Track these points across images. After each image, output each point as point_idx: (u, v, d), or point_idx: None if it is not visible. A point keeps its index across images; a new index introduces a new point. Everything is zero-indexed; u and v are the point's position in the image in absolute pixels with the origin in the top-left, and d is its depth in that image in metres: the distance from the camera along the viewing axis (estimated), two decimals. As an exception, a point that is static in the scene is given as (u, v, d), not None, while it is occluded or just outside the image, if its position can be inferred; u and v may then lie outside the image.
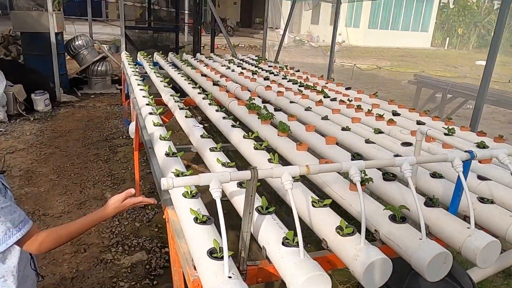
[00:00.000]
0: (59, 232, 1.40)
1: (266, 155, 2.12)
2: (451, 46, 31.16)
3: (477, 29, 30.94)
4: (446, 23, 31.83)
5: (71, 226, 1.44)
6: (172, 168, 1.86)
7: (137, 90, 3.60)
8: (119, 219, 3.67)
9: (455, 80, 10.27)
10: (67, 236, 1.41)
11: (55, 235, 1.38)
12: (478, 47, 29.99)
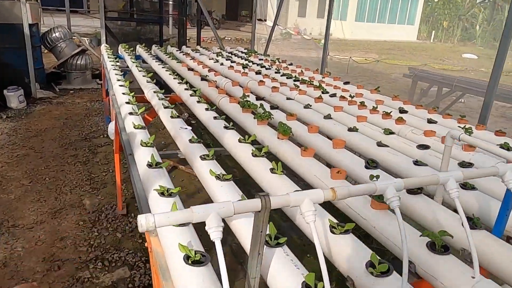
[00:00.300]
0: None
1: (267, 163, 1.81)
2: (436, 39, 31.28)
3: (461, 23, 31.10)
4: (431, 16, 31.94)
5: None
6: (156, 182, 1.53)
7: (116, 86, 3.24)
8: (98, 230, 3.31)
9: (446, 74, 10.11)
10: None
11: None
12: (462, 40, 30.22)
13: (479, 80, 6.29)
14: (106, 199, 3.82)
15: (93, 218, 3.48)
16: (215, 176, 1.59)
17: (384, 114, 2.78)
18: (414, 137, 2.45)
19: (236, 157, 2.01)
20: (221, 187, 1.52)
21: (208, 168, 1.69)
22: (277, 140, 2.15)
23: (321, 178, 1.74)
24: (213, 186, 1.56)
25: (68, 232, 3.25)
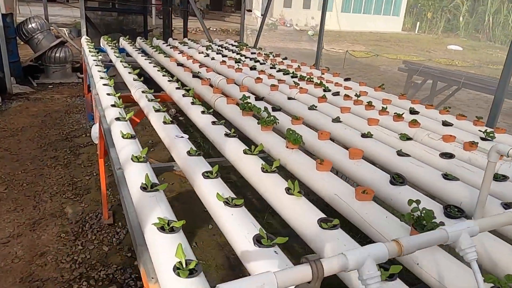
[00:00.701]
0: None
1: (280, 181, 1.56)
2: (421, 31, 31.44)
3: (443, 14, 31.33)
4: (415, 8, 32.06)
5: None
6: (153, 212, 1.26)
7: (99, 85, 2.93)
8: (82, 243, 3.02)
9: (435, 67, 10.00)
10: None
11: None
12: (446, 32, 30.47)
13: (488, 76, 6.14)
14: (90, 207, 3.53)
15: (76, 229, 3.19)
16: (223, 201, 1.34)
17: (395, 116, 2.56)
18: (431, 142, 2.24)
19: (242, 171, 1.76)
20: (232, 216, 1.27)
21: (213, 189, 1.44)
22: (286, 150, 1.91)
23: (343, 197, 1.50)
24: (221, 214, 1.31)
25: (48, 246, 2.95)
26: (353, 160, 1.84)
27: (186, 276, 0.96)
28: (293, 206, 1.40)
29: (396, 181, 1.62)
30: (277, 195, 1.48)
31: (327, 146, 2.01)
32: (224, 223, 1.29)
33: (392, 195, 1.59)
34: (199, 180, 1.55)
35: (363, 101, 2.91)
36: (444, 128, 2.49)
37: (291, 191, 1.46)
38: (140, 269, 1.22)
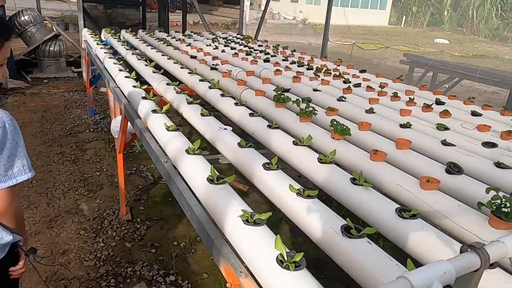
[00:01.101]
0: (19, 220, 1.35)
1: (340, 171, 1.54)
2: (406, 24, 31.79)
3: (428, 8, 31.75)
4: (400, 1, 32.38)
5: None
6: (229, 206, 1.22)
7: (120, 78, 2.84)
8: (103, 239, 2.95)
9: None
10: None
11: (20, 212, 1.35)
12: (430, 25, 30.90)
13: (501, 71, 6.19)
14: (105, 203, 3.45)
15: (95, 226, 3.11)
16: (296, 192, 1.31)
17: (424, 107, 2.57)
18: (467, 132, 2.25)
19: (294, 163, 1.73)
20: (310, 208, 1.24)
21: (278, 181, 1.41)
22: (332, 141, 1.88)
23: (407, 187, 1.49)
24: (296, 208, 1.28)
25: (69, 244, 2.87)
26: (401, 150, 1.83)
27: (294, 268, 0.93)
28: (364, 197, 1.38)
29: (453, 170, 1.62)
30: (341, 186, 1.46)
31: (371, 137, 1.99)
32: (299, 215, 1.26)
33: (450, 184, 1.58)
34: (258, 172, 1.51)
35: (387, 92, 2.91)
36: (474, 118, 2.50)
37: (357, 181, 1.44)
38: (220, 264, 1.18)
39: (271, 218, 1.14)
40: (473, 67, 5.80)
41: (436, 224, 1.38)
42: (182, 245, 2.96)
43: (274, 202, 1.42)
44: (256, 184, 1.53)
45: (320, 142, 1.91)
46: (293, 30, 21.05)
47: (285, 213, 1.36)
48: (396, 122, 2.22)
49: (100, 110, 5.70)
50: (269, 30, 19.82)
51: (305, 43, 16.30)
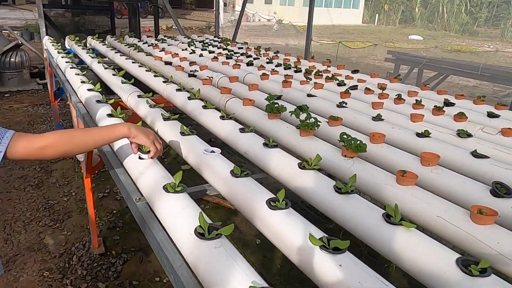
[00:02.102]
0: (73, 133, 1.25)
1: (364, 204, 1.19)
2: (379, 22, 32.18)
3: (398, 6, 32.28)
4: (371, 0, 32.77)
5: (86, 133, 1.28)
6: (230, 275, 0.86)
7: (82, 90, 2.42)
8: (72, 281, 2.52)
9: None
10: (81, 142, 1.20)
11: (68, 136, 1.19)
12: (402, 23, 31.38)
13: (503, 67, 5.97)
14: (75, 234, 3.01)
15: (62, 264, 2.68)
16: (320, 245, 0.95)
17: (435, 110, 2.26)
18: (491, 138, 1.95)
19: (303, 194, 1.37)
20: (342, 269, 0.89)
21: (293, 227, 1.05)
22: (343, 160, 1.54)
23: (451, 219, 1.16)
24: (321, 268, 0.92)
25: (30, 290, 2.43)
26: (429, 167, 1.50)
27: None
28: (406, 240, 1.03)
29: (500, 192, 1.30)
30: (373, 226, 1.11)
31: (386, 151, 1.66)
32: (326, 277, 0.91)
33: (500, 209, 1.25)
34: (261, 211, 1.15)
35: (389, 94, 2.60)
36: (492, 120, 2.22)
37: (393, 219, 1.09)
38: None
39: (264, 239, 0.80)
40: (475, 64, 5.58)
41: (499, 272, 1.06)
42: (166, 280, 2.56)
43: (288, 255, 1.06)
44: (260, 228, 1.17)
45: (329, 162, 1.57)
46: (268, 32, 20.81)
47: (305, 273, 1.00)
48: (410, 131, 1.90)
49: (68, 125, 5.22)
50: (244, 32, 19.48)
51: (282, 44, 16.08)
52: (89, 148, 1.28)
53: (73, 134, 1.22)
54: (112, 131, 1.27)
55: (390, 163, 1.59)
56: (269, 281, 2.61)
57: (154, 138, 1.35)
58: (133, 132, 1.29)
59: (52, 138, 1.12)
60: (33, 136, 1.09)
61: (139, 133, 1.30)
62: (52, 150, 1.11)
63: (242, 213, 1.25)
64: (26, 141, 1.07)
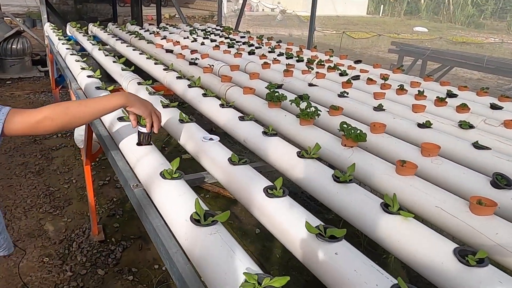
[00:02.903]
0: (69, 104, 1.18)
1: (363, 193, 1.18)
2: (384, 14, 31.85)
3: (403, -4, 31.89)
4: (377, -10, 32.40)
5: (82, 103, 1.28)
6: (224, 262, 0.85)
7: (82, 77, 2.41)
8: (71, 267, 2.53)
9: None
10: (78, 113, 1.18)
11: (64, 108, 1.15)
12: (407, 14, 31.05)
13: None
14: (75, 221, 3.02)
15: (62, 250, 2.69)
16: (316, 233, 0.94)
17: (437, 101, 2.24)
18: (493, 129, 1.93)
19: (301, 182, 1.36)
20: (337, 257, 0.88)
21: (291, 215, 1.04)
22: (343, 149, 1.53)
23: (451, 210, 1.15)
24: (318, 255, 0.91)
25: (30, 275, 2.45)
26: (429, 157, 1.49)
27: None
28: (404, 228, 1.02)
29: (500, 184, 1.28)
30: (372, 215, 1.10)
31: (386, 141, 1.64)
32: (323, 264, 0.90)
33: (500, 200, 1.24)
34: (259, 199, 1.14)
35: (391, 85, 2.57)
36: (495, 112, 2.19)
37: (390, 208, 1.08)
38: None
39: (264, 229, 0.78)
40: (480, 56, 5.50)
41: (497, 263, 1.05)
42: (164, 268, 2.57)
43: (284, 243, 1.05)
44: (257, 216, 1.16)
45: (329, 151, 1.55)
46: (272, 22, 20.64)
47: (301, 260, 0.99)
48: (411, 121, 1.88)
49: (69, 113, 5.20)
50: (247, 22, 19.33)
51: (286, 34, 15.95)
52: (87, 119, 1.22)
53: (68, 105, 1.16)
54: (109, 100, 1.23)
55: (390, 153, 1.57)
56: (267, 270, 2.62)
57: (152, 108, 1.31)
58: (130, 100, 1.26)
59: (48, 111, 1.10)
60: (29, 111, 1.08)
61: (136, 102, 1.27)
62: (49, 122, 1.09)
63: (240, 201, 1.25)
64: (22, 116, 1.06)
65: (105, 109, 1.23)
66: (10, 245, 1.36)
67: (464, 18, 28.53)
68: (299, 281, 2.54)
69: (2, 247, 1.32)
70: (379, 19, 27.94)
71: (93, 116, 1.23)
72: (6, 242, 1.33)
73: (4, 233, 1.30)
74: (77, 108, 1.17)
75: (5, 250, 1.34)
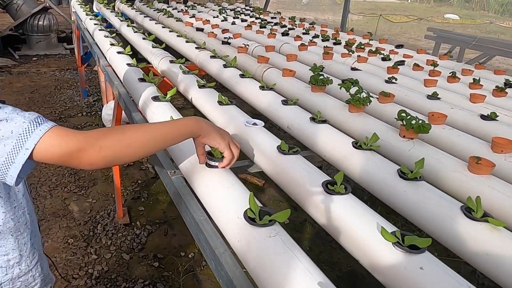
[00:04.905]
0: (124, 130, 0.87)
1: (436, 195, 1.02)
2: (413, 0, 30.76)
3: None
4: (406, -24, 31.26)
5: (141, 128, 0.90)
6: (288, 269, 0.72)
7: (112, 54, 2.29)
8: (96, 250, 2.47)
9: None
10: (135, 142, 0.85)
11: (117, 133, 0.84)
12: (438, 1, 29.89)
13: None
14: (99, 203, 2.95)
15: (87, 232, 2.62)
16: (393, 242, 0.79)
17: (495, 91, 2.03)
18: None
19: (358, 178, 1.20)
20: (422, 273, 0.73)
21: (358, 218, 0.89)
22: (401, 141, 1.36)
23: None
24: (398, 271, 0.77)
25: (55, 256, 2.39)
26: (502, 154, 1.31)
27: None
28: (493, 241, 0.86)
29: None
30: (448, 220, 0.94)
31: (449, 134, 1.47)
32: (400, 279, 0.75)
33: None
34: (317, 196, 0.99)
35: (441, 72, 2.36)
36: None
37: (474, 214, 0.92)
38: None
39: (293, 219, 0.67)
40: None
41: None
42: (191, 256, 2.48)
43: (349, 250, 0.90)
44: (313, 214, 1.01)
45: (384, 142, 1.39)
46: (297, 5, 20.16)
47: (368, 268, 0.84)
48: (472, 113, 1.69)
49: (94, 91, 5.15)
50: (272, 5, 18.94)
51: (311, 18, 15.53)
52: (146, 150, 0.88)
53: (124, 130, 0.87)
54: (176, 127, 0.93)
55: (454, 148, 1.40)
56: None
57: (229, 139, 1.02)
58: (204, 129, 0.96)
59: (96, 135, 0.81)
60: (71, 133, 0.80)
61: (212, 132, 0.97)
62: (95, 152, 0.79)
63: (291, 195, 1.10)
64: (62, 137, 0.78)
65: (172, 139, 0.93)
66: (48, 278, 1.12)
67: (498, 6, 27.28)
68: (330, 276, 2.41)
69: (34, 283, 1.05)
70: (409, 4, 27.01)
71: (154, 146, 0.90)
72: (41, 277, 1.06)
73: (36, 269, 1.04)
74: (135, 134, 0.86)
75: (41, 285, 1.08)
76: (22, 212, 0.99)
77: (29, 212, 1.02)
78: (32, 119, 0.77)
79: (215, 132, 0.98)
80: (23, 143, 0.75)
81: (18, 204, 0.98)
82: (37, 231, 1.09)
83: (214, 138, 0.98)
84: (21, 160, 0.75)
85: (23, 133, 0.75)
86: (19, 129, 0.75)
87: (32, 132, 0.75)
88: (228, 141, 1.01)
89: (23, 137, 0.75)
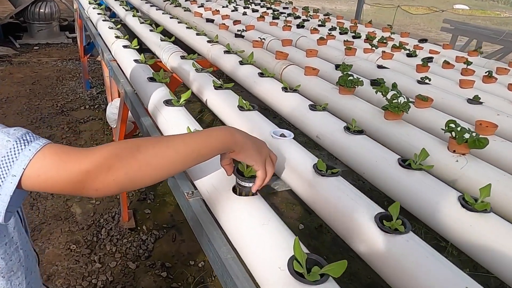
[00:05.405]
0: (139, 143, 0.67)
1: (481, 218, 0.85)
2: (422, -12, 30.21)
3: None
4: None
5: (160, 141, 0.70)
6: None
7: (117, 47, 2.10)
8: (100, 257, 2.32)
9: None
10: (154, 161, 0.66)
11: (131, 148, 0.66)
12: (448, -10, 29.32)
13: None
14: (103, 204, 2.80)
15: (90, 237, 2.47)
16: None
17: (539, 93, 1.84)
18: None
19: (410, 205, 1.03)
20: None
21: (425, 261, 0.72)
22: (451, 156, 1.18)
23: None
24: None
25: (56, 264, 2.24)
26: None
27: None
28: None
29: None
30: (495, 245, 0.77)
31: (504, 148, 1.29)
32: None
33: None
34: (369, 233, 0.82)
35: (475, 70, 2.17)
36: None
37: None
38: None
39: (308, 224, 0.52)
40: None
41: None
42: (201, 265, 2.32)
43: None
44: (365, 256, 0.84)
45: (433, 158, 1.20)
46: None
47: None
48: (523, 120, 1.51)
49: (97, 83, 4.97)
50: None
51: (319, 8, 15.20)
52: (168, 171, 0.71)
53: (140, 144, 0.67)
54: (207, 140, 0.73)
55: (509, 165, 1.22)
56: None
57: (267, 154, 0.82)
58: (239, 143, 0.76)
59: (106, 152, 0.64)
60: (72, 152, 0.63)
61: (249, 147, 0.78)
62: (103, 174, 0.62)
63: (333, 228, 0.93)
64: (60, 158, 0.61)
65: (203, 155, 0.73)
66: None
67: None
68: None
69: None
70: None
71: (179, 165, 0.72)
72: None
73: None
74: (153, 150, 0.67)
75: None
76: (14, 248, 0.82)
77: (22, 246, 0.85)
78: (18, 136, 0.60)
79: (252, 148, 0.78)
80: (8, 169, 0.59)
81: (10, 240, 0.81)
82: (34, 266, 0.93)
83: (251, 155, 0.78)
84: (8, 191, 0.59)
85: (7, 156, 0.59)
86: (2, 150, 0.59)
87: (19, 154, 0.59)
88: (265, 158, 0.81)
89: (8, 161, 0.59)
